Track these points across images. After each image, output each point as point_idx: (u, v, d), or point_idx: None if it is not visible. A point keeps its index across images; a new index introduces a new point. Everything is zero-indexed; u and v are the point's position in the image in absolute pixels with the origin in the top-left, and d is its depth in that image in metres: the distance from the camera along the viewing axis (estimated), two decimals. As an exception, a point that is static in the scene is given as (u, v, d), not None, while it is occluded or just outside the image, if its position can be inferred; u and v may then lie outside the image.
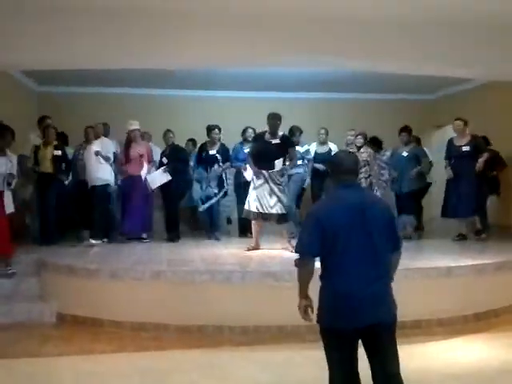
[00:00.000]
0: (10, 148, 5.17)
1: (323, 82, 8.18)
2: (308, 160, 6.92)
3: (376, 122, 8.28)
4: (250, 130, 7.12)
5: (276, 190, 5.46)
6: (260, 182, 5.49)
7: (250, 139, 6.83)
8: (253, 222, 5.70)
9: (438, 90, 9.42)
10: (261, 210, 5.47)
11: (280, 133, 5.63)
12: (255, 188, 5.52)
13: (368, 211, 2.37)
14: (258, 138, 5.77)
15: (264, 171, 5.47)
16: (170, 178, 6.38)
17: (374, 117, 8.77)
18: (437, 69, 5.45)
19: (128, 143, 6.41)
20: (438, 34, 4.88)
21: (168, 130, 6.75)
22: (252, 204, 5.51)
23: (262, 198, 5.46)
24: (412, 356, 3.76)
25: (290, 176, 6.38)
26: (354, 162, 2.52)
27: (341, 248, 2.32)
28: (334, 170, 2.50)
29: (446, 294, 4.54)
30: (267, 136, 5.59)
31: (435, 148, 7.00)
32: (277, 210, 5.45)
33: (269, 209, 5.45)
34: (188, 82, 8.27)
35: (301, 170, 6.71)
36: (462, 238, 6.42)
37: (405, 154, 6.60)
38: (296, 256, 2.46)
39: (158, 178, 6.40)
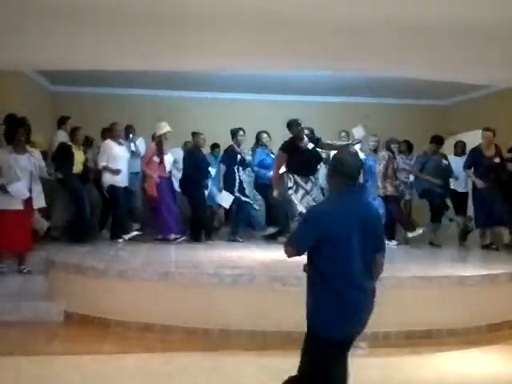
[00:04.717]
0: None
1: (337, 86, 8.12)
2: None
3: (389, 126, 8.19)
4: (265, 135, 7.09)
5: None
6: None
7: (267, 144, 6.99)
8: None
9: (451, 96, 9.31)
10: None
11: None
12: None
13: (364, 216, 2.36)
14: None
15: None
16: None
17: (386, 121, 8.67)
18: (448, 74, 5.40)
19: (161, 146, 6.45)
20: (448, 40, 4.84)
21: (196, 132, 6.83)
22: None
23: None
24: (422, 366, 3.68)
25: None
26: (359, 166, 2.49)
27: (344, 254, 2.28)
28: (339, 172, 2.38)
29: (457, 303, 4.44)
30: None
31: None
32: None
33: None
34: (203, 83, 8.21)
35: None
36: (489, 247, 6.36)
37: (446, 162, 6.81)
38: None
39: (228, 198, 6.62)
